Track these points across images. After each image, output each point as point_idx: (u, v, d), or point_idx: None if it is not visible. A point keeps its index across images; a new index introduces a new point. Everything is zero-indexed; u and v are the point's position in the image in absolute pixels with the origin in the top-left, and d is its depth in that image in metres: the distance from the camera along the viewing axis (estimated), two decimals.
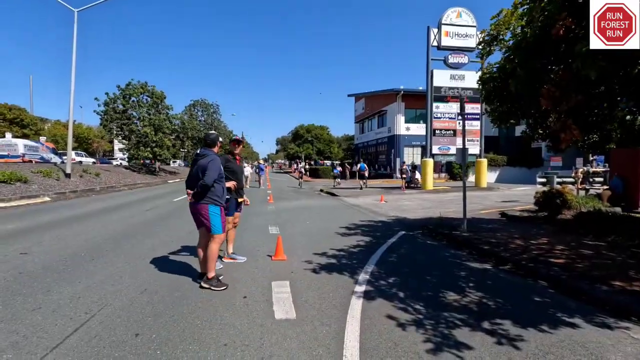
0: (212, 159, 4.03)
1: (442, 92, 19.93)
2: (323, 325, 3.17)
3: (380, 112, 35.51)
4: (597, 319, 3.42)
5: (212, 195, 4.04)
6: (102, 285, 4.19)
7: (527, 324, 3.27)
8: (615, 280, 4.24)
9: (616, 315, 3.49)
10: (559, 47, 3.72)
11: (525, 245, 6.13)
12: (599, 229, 6.98)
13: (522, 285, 4.44)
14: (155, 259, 5.34)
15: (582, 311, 3.61)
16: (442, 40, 18.82)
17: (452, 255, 5.92)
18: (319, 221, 9.27)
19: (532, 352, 2.77)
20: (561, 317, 3.44)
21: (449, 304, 3.76)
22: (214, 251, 4.07)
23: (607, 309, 3.66)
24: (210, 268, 4.08)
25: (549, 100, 4.29)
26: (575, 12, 3.44)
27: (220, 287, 4.02)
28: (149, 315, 3.34)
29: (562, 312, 3.57)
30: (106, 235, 7.10)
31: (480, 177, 20.20)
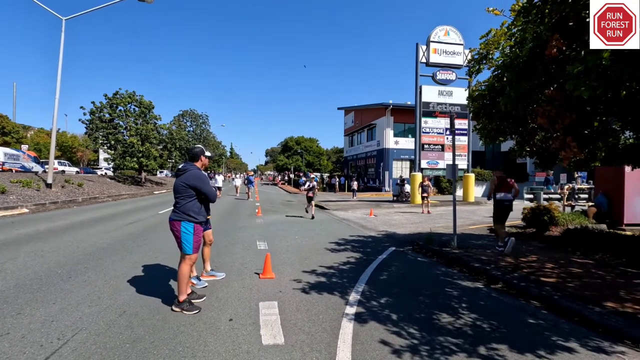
0: (194, 174, 3.87)
1: (430, 107, 20.23)
2: (313, 352, 3.01)
3: (369, 126, 35.83)
4: (592, 342, 3.36)
5: (187, 211, 3.84)
6: (79, 306, 3.94)
7: (523, 349, 3.18)
8: (607, 301, 4.21)
9: (610, 339, 3.44)
10: (551, 67, 3.75)
11: (516, 263, 6.09)
12: (586, 246, 7.03)
13: (515, 305, 4.37)
14: (137, 277, 5.10)
15: (576, 334, 3.54)
16: (431, 57, 19.19)
17: (444, 273, 5.83)
18: (308, 236, 9.11)
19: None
20: (557, 341, 3.36)
21: (443, 326, 3.65)
22: (184, 272, 3.84)
23: (601, 331, 3.61)
24: (182, 291, 3.84)
25: (544, 119, 4.32)
26: (566, 33, 3.48)
27: (192, 311, 3.79)
28: (128, 342, 3.12)
29: (557, 336, 3.49)
30: (86, 250, 6.79)
31: (468, 191, 20.39)
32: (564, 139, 4.00)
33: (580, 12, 3.26)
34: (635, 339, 3.37)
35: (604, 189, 9.31)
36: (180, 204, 3.87)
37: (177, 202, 3.89)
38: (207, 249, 5.01)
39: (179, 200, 3.89)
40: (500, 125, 6.34)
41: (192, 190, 3.85)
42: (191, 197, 3.87)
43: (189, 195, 3.86)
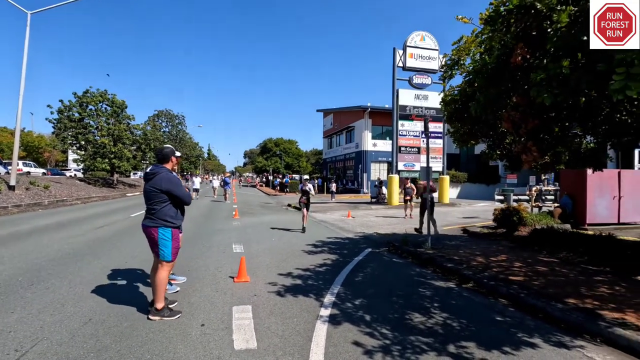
0: (165, 177, 3.68)
1: (407, 110, 20.62)
2: (286, 355, 2.99)
3: (348, 128, 36.11)
4: (554, 337, 3.51)
5: (163, 216, 3.68)
6: (40, 315, 3.75)
7: (490, 345, 3.28)
8: (569, 297, 4.41)
9: (571, 334, 3.61)
10: (516, 74, 3.91)
11: (486, 262, 6.29)
12: (552, 246, 7.35)
13: (485, 304, 4.50)
14: (105, 284, 4.91)
15: (540, 330, 3.69)
16: (407, 61, 19.59)
17: (418, 273, 5.94)
18: (285, 238, 9.06)
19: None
20: (522, 338, 3.49)
21: (415, 326, 3.71)
22: (162, 279, 3.69)
23: (563, 327, 3.78)
24: (159, 298, 3.69)
25: (509, 124, 4.49)
26: (530, 42, 3.64)
27: (174, 316, 3.70)
28: (92, 351, 3.00)
29: (523, 332, 3.63)
30: (50, 255, 6.47)
31: (443, 193, 20.90)
32: (525, 144, 4.18)
33: (542, 23, 3.42)
34: (594, 333, 3.56)
35: (568, 190, 9.78)
36: (156, 209, 3.68)
37: (152, 208, 3.70)
38: None
39: (153, 206, 3.69)
40: (472, 129, 6.54)
41: (165, 195, 3.68)
42: (165, 202, 3.70)
43: (162, 200, 3.69)
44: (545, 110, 4.05)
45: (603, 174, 9.75)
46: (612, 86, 2.79)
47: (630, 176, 9.77)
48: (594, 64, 3.00)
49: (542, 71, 3.42)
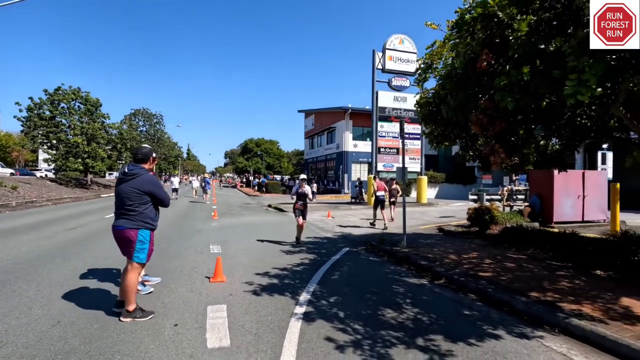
0: (148, 179, 3.67)
1: (386, 112, 20.95)
2: (258, 352, 3.04)
3: (329, 129, 36.30)
4: (516, 329, 3.70)
5: (145, 218, 3.67)
6: (5, 318, 3.64)
7: (457, 338, 3.43)
8: (532, 291, 4.65)
9: (532, 325, 3.81)
10: (482, 79, 4.10)
11: (458, 259, 6.52)
12: (521, 243, 7.68)
13: (454, 299, 4.68)
14: (75, 286, 4.80)
15: (504, 322, 3.88)
16: (386, 63, 19.90)
17: (392, 271, 6.09)
18: (264, 238, 9.07)
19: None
20: (486, 330, 3.66)
21: (386, 321, 3.83)
22: (133, 281, 3.65)
23: (525, 319, 3.99)
24: (131, 300, 3.65)
25: (478, 126, 4.69)
26: (494, 49, 3.83)
27: (146, 317, 3.67)
28: (60, 353, 2.95)
29: (488, 325, 3.81)
30: (17, 258, 6.25)
31: (421, 193, 21.35)
32: (493, 146, 4.38)
33: (504, 31, 3.61)
34: (553, 324, 3.77)
35: (537, 190, 10.23)
36: (137, 211, 3.63)
37: (132, 210, 3.63)
38: None
39: (134, 207, 3.62)
40: (445, 130, 6.75)
41: (147, 197, 3.66)
42: (147, 204, 3.68)
43: (144, 202, 3.66)
44: (510, 114, 4.26)
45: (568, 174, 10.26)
46: (565, 91, 2.98)
47: (594, 177, 10.31)
48: (551, 70, 3.20)
49: (505, 77, 3.60)
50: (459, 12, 4.05)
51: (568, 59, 3.00)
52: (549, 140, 7.70)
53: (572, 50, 3.05)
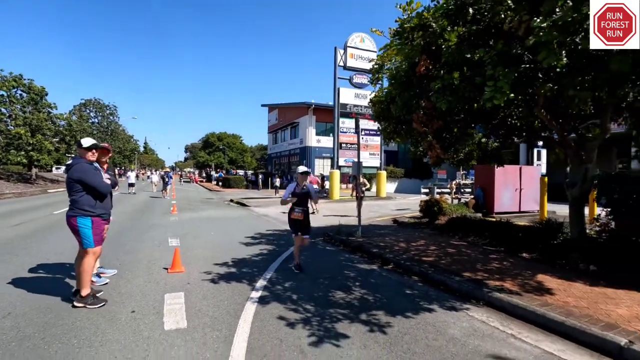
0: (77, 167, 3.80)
1: (347, 108, 21.51)
2: (214, 331, 3.27)
3: (292, 124, 36.43)
4: (448, 304, 4.22)
5: (81, 206, 3.81)
6: None
7: (396, 312, 3.87)
8: (466, 272, 5.24)
9: (462, 300, 4.35)
10: (422, 82, 4.55)
11: (407, 247, 7.08)
12: (464, 231, 8.42)
13: (399, 281, 5.16)
14: (25, 280, 4.71)
15: (439, 299, 4.39)
16: (348, 61, 20.40)
17: (346, 259, 6.51)
18: (224, 232, 9.16)
19: (395, 334, 3.32)
20: (423, 305, 4.14)
21: (336, 302, 4.20)
22: (86, 266, 3.80)
23: (457, 295, 4.53)
24: (84, 285, 3.79)
25: (419, 124, 5.17)
26: (431, 55, 4.28)
27: (97, 304, 3.77)
28: (13, 340, 3.00)
29: (425, 301, 4.29)
30: None
31: (380, 187, 22.21)
32: (431, 142, 4.88)
33: (438, 40, 4.06)
34: (479, 298, 4.33)
35: (480, 183, 11.17)
36: (74, 199, 3.84)
37: (71, 199, 3.87)
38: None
39: (71, 196, 3.86)
40: (396, 127, 7.25)
41: (79, 185, 3.82)
42: (81, 192, 3.84)
43: (77, 190, 3.83)
44: (445, 114, 4.76)
45: (508, 169, 11.30)
46: (484, 96, 3.47)
47: (529, 171, 11.44)
48: (475, 77, 3.68)
49: (439, 81, 4.06)
50: (399, 21, 4.47)
51: (487, 68, 3.49)
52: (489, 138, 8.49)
53: (491, 60, 3.55)
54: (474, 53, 3.75)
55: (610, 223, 6.10)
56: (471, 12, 3.98)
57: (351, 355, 2.93)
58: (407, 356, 2.94)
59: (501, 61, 3.58)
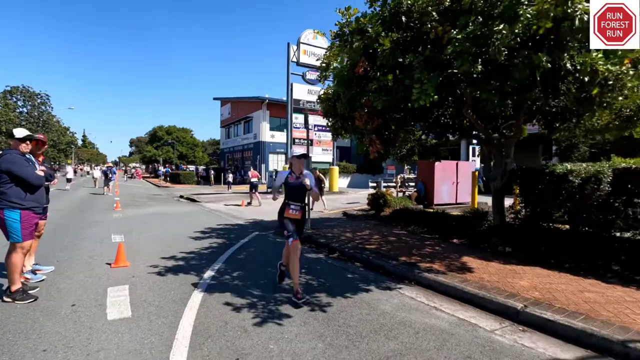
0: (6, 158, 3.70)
1: (300, 104, 21.73)
2: (159, 318, 3.37)
3: (246, 119, 35.89)
4: (383, 284, 4.65)
5: (9, 198, 3.70)
6: None
7: (337, 294, 4.21)
8: (402, 256, 5.75)
9: (396, 281, 4.81)
10: (362, 82, 4.92)
11: (352, 237, 7.52)
12: (405, 222, 9.08)
13: (343, 267, 5.54)
14: None
15: (377, 281, 4.82)
16: (301, 57, 20.57)
17: None
18: (173, 227, 9.00)
19: (333, 312, 3.65)
20: (361, 287, 4.54)
21: (281, 287, 4.45)
22: (14, 261, 3.71)
23: (393, 277, 5.00)
24: (13, 280, 3.70)
25: (361, 121, 5.56)
26: (370, 57, 4.65)
27: (27, 300, 3.68)
28: None
29: (364, 283, 4.69)
30: None
31: (332, 182, 22.78)
32: (371, 138, 5.29)
33: (374, 44, 4.43)
34: (411, 279, 4.83)
35: (422, 178, 12.03)
36: (1, 191, 3.71)
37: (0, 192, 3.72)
38: (35, 241, 4.59)
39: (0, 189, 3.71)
40: (342, 124, 7.63)
41: (6, 176, 3.71)
42: (9, 183, 3.72)
43: (5, 181, 3.71)
44: (384, 112, 5.18)
45: (446, 164, 12.27)
46: (412, 97, 3.90)
47: (465, 167, 12.54)
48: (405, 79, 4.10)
49: (375, 82, 4.44)
50: (338, 25, 4.79)
51: (414, 72, 3.92)
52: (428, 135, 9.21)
53: (419, 65, 3.98)
54: (405, 58, 4.17)
55: (521, 211, 6.98)
56: (404, 20, 4.40)
57: (292, 331, 3.20)
58: (342, 329, 3.28)
59: (427, 66, 4.03)
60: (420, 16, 4.17)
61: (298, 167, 4.10)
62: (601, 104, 5.04)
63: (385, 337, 3.12)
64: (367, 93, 4.94)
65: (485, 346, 3.01)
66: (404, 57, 4.19)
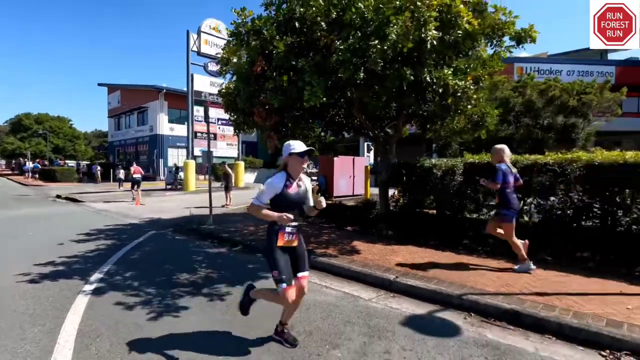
0: None
1: (202, 96, 20.81)
2: (35, 327, 3.09)
3: (140, 109, 32.57)
4: None
5: None
6: None
7: (236, 283, 4.40)
8: None
9: None
10: (260, 80, 5.14)
11: (256, 230, 7.73)
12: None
13: (244, 259, 5.72)
14: None
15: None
16: (202, 47, 19.67)
17: (196, 245, 6.68)
18: (49, 231, 7.88)
19: (231, 300, 3.85)
20: (260, 275, 4.80)
21: (179, 282, 4.43)
22: None
23: None
24: None
25: (260, 118, 5.78)
26: (267, 57, 4.90)
27: None
28: None
29: (263, 272, 4.94)
30: None
31: (238, 177, 22.44)
32: (269, 134, 5.58)
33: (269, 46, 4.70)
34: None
35: (323, 172, 12.85)
36: None
37: None
38: None
39: None
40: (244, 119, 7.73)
41: None
42: None
43: None
44: (281, 110, 5.50)
45: (344, 159, 13.31)
46: (304, 97, 4.30)
47: (360, 161, 13.80)
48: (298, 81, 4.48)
49: (272, 81, 4.71)
50: (234, 24, 4.93)
51: (305, 75, 4.31)
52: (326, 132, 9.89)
53: (309, 69, 4.39)
54: (298, 61, 4.54)
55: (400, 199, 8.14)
56: (297, 26, 4.76)
57: (190, 321, 3.30)
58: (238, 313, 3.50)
59: (317, 70, 4.47)
60: (311, 25, 4.58)
61: (298, 169, 2.79)
62: (456, 110, 6.24)
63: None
64: (265, 91, 5.18)
65: (362, 312, 3.59)
66: (297, 61, 4.56)
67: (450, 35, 4.56)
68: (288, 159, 2.74)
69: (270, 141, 5.64)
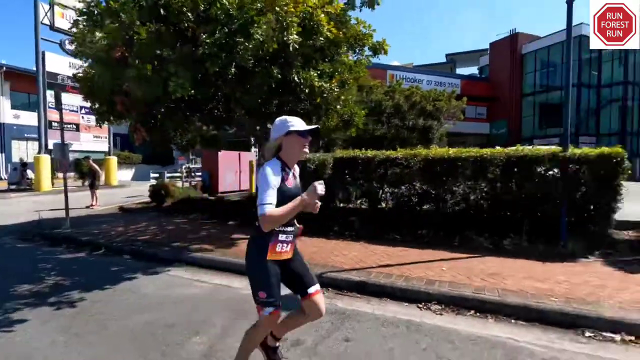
0: None
1: (59, 79, 17.64)
2: None
3: None
4: (152, 270, 4.75)
5: None
6: None
7: (93, 288, 4.01)
8: (177, 242, 5.96)
9: (167, 265, 4.96)
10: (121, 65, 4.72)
11: (125, 230, 7.07)
12: (187, 211, 9.23)
13: (107, 262, 5.21)
14: None
15: (146, 268, 4.84)
16: (56, 21, 16.61)
17: (46, 252, 5.78)
18: None
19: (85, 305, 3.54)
20: (125, 276, 4.47)
21: (20, 294, 3.84)
22: None
23: (165, 262, 5.12)
24: None
25: (122, 107, 5.31)
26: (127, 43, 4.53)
27: None
28: None
29: (130, 273, 4.63)
30: None
31: (110, 174, 19.83)
32: (135, 125, 5.20)
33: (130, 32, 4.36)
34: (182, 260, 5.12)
35: (207, 167, 12.43)
36: None
37: None
38: None
39: None
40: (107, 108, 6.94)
41: None
42: None
43: None
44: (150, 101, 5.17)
45: (230, 155, 13.12)
46: (170, 88, 4.16)
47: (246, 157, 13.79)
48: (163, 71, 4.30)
49: (135, 70, 4.40)
50: (84, 2, 4.44)
51: (170, 66, 4.18)
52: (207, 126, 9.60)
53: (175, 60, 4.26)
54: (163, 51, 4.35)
55: None
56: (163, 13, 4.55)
57: (27, 333, 2.92)
58: (94, 317, 3.26)
59: (184, 62, 4.37)
60: (177, 14, 4.44)
61: (296, 154, 2.07)
62: (327, 109, 6.85)
63: (140, 314, 3.33)
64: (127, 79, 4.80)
65: (231, 300, 3.73)
66: (162, 50, 4.37)
67: (315, 41, 5.01)
68: (283, 140, 2.01)
69: (137, 133, 5.24)
